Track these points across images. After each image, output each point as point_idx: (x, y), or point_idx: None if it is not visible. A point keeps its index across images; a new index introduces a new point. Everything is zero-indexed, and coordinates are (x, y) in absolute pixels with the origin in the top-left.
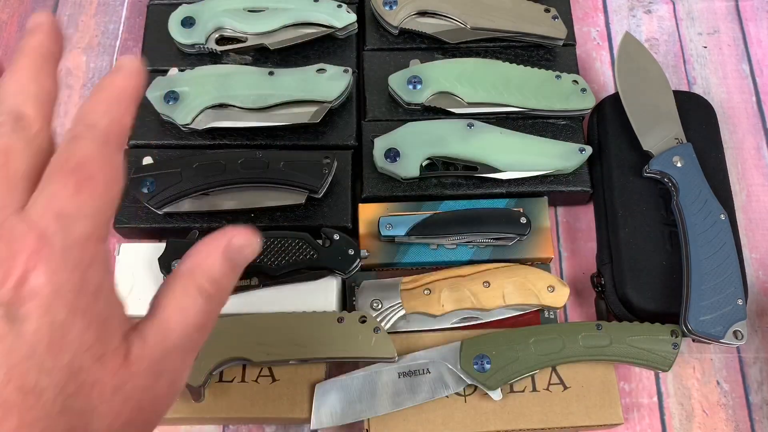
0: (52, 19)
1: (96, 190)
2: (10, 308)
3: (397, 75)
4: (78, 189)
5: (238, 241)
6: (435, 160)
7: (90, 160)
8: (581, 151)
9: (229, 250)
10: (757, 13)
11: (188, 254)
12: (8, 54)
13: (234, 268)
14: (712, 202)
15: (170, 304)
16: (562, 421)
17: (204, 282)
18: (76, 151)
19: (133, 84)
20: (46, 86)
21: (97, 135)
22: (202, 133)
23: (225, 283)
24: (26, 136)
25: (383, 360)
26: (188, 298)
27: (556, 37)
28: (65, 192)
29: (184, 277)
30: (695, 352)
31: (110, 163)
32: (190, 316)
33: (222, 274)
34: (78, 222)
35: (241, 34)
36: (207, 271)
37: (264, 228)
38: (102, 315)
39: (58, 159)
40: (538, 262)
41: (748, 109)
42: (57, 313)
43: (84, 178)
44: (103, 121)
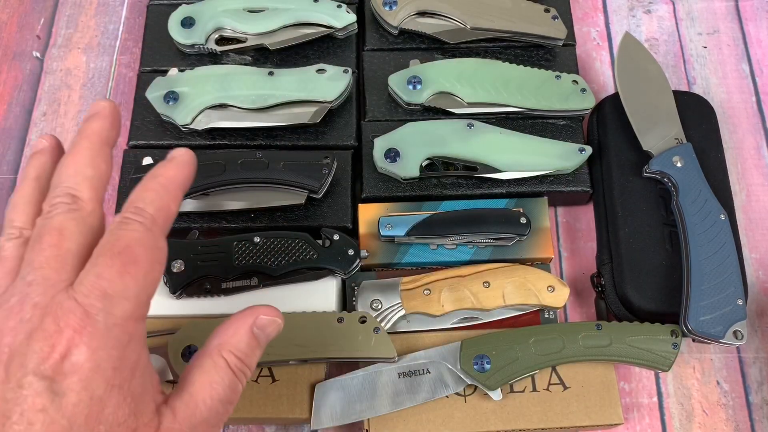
0: (113, 105)
1: (139, 273)
2: (52, 382)
3: (397, 75)
4: (123, 271)
5: (264, 319)
6: (435, 160)
7: (136, 243)
8: (581, 151)
9: (255, 327)
10: (757, 13)
11: (216, 332)
12: (8, 54)
13: (259, 344)
14: (712, 202)
15: (199, 379)
16: (562, 421)
17: (231, 357)
18: (124, 235)
19: (183, 174)
20: (101, 169)
21: (145, 220)
22: (202, 133)
23: (251, 358)
24: (79, 216)
25: (383, 360)
26: (216, 373)
27: (556, 37)
28: (111, 273)
29: (213, 353)
30: (695, 352)
31: (154, 248)
32: (217, 391)
33: (249, 349)
34: (121, 302)
35: (240, 34)
36: (234, 347)
37: (264, 228)
38: (137, 390)
39: (106, 240)
40: (538, 262)
41: (748, 109)
42: (96, 388)
43: (129, 261)
44: (151, 208)
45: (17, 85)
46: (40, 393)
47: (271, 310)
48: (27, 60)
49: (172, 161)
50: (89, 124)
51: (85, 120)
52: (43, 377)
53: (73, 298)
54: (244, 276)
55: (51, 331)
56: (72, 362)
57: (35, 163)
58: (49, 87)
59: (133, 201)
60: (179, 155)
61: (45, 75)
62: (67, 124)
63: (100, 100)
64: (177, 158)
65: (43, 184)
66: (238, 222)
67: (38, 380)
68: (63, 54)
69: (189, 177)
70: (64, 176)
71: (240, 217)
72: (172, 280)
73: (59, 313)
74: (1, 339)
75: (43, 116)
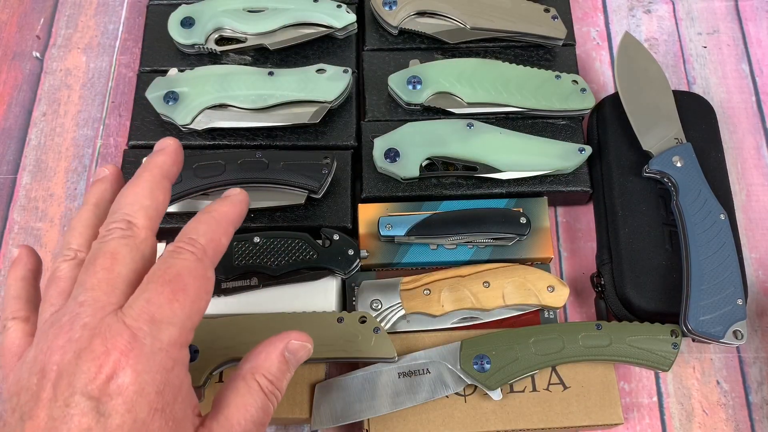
0: (177, 144)
1: (187, 301)
2: (99, 402)
3: (397, 75)
4: (172, 298)
5: (295, 344)
6: (435, 160)
7: (186, 272)
8: (581, 151)
9: (286, 351)
10: (756, 13)
11: (249, 355)
12: (8, 54)
13: (289, 368)
14: (711, 202)
15: (234, 402)
16: (562, 421)
17: (264, 380)
18: (176, 263)
19: (236, 212)
20: (158, 200)
21: (196, 250)
22: (202, 133)
23: (281, 381)
24: (133, 242)
25: (383, 360)
26: (250, 396)
27: (555, 37)
28: (160, 299)
29: (247, 376)
30: (695, 352)
31: (203, 277)
32: (251, 413)
33: (280, 372)
34: (168, 328)
35: (240, 34)
36: (267, 370)
37: (264, 228)
38: (178, 415)
39: (158, 267)
40: (538, 262)
41: (748, 109)
42: (139, 411)
43: (179, 289)
44: (203, 239)
45: (17, 85)
46: (86, 413)
47: (302, 336)
48: (27, 60)
49: (226, 198)
50: (153, 158)
51: (150, 155)
52: (89, 397)
53: (122, 321)
54: (244, 276)
55: (99, 352)
56: (118, 384)
57: (95, 190)
58: (49, 87)
59: (186, 232)
60: (234, 194)
61: (45, 75)
62: (66, 124)
63: (166, 137)
64: (232, 197)
65: (102, 211)
66: None
67: (85, 400)
68: (63, 54)
69: (241, 215)
70: (122, 204)
71: None
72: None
73: (107, 335)
74: (51, 357)
75: (43, 116)
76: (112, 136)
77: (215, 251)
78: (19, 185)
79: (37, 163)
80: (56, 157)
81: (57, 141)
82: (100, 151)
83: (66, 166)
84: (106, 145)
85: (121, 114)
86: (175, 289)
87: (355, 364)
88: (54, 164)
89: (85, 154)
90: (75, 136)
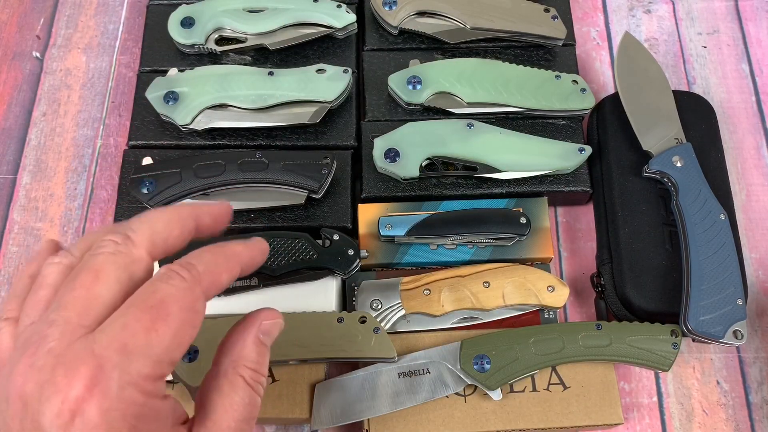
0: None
1: (167, 332)
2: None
3: (397, 75)
4: (150, 327)
5: (267, 324)
6: (435, 160)
7: (172, 300)
8: (581, 151)
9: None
10: (756, 13)
11: (223, 349)
12: (8, 54)
13: (267, 349)
14: (711, 202)
15: (220, 404)
16: (562, 421)
17: (247, 371)
18: (162, 288)
19: (249, 254)
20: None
21: (189, 277)
22: (202, 133)
23: (263, 366)
24: (123, 260)
25: (383, 360)
26: (236, 393)
27: (555, 37)
28: (137, 327)
29: (228, 372)
30: (695, 352)
31: (190, 309)
32: (240, 412)
33: (259, 357)
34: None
35: (240, 34)
36: (246, 359)
37: (264, 228)
38: None
39: (142, 291)
40: (538, 262)
41: (748, 109)
42: None
43: (160, 317)
44: (202, 267)
45: (17, 85)
46: None
47: (270, 313)
48: (27, 60)
49: (245, 241)
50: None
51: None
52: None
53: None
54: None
55: (61, 385)
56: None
57: None
58: (49, 87)
59: (187, 256)
60: (256, 240)
61: (45, 75)
62: (66, 124)
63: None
64: (252, 241)
65: None
66: (238, 222)
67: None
68: (63, 54)
69: (253, 260)
70: (135, 220)
71: (240, 217)
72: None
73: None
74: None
75: (43, 116)
76: (112, 136)
77: (211, 284)
78: (19, 185)
79: (37, 163)
80: (56, 157)
81: (57, 141)
82: (100, 151)
83: (66, 166)
84: (106, 145)
85: (121, 114)
86: (155, 317)
87: (355, 364)
88: (54, 164)
89: (85, 154)
90: (75, 136)
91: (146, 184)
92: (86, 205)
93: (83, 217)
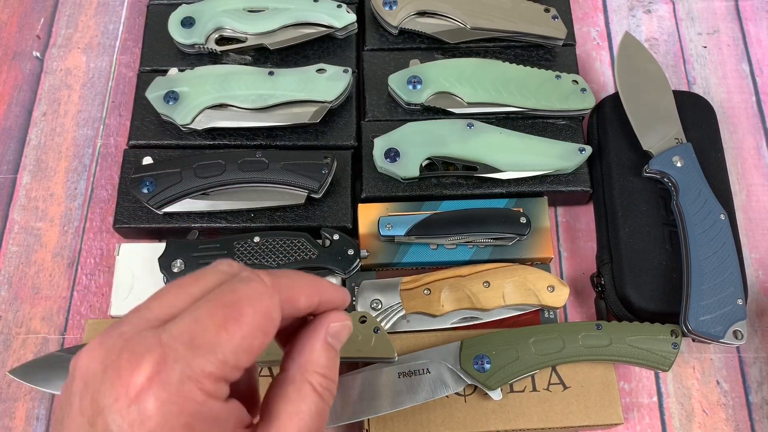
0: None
1: (237, 332)
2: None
3: (397, 75)
4: (222, 324)
5: (335, 326)
6: (435, 160)
7: (248, 302)
8: (581, 151)
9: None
10: (757, 13)
11: (290, 354)
12: (8, 54)
13: (337, 354)
14: (712, 202)
15: (285, 410)
16: (562, 421)
17: (316, 377)
18: (240, 289)
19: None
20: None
21: (271, 283)
22: (202, 133)
23: (334, 371)
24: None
25: (383, 360)
26: (302, 401)
27: (555, 37)
28: (208, 322)
29: (296, 379)
30: (695, 352)
31: (266, 314)
32: (305, 421)
33: (330, 362)
34: (205, 356)
35: (240, 34)
36: (316, 365)
37: (264, 228)
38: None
39: (221, 289)
40: (538, 262)
41: (748, 109)
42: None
43: (233, 317)
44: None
45: (17, 85)
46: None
47: (338, 315)
48: (27, 60)
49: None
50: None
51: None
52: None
53: (158, 337)
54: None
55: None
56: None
57: None
58: (49, 87)
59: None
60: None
61: (45, 75)
62: (67, 123)
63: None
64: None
65: None
66: (238, 222)
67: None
68: (63, 54)
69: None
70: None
71: (240, 217)
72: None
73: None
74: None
75: (43, 116)
76: (112, 136)
77: (289, 299)
78: (19, 185)
79: (37, 162)
80: (56, 157)
81: (57, 141)
82: (100, 151)
83: (66, 166)
84: (106, 144)
85: (121, 114)
86: (228, 315)
87: (355, 364)
88: (54, 164)
89: (85, 153)
90: (75, 135)
91: (146, 184)
92: (86, 205)
93: (83, 217)
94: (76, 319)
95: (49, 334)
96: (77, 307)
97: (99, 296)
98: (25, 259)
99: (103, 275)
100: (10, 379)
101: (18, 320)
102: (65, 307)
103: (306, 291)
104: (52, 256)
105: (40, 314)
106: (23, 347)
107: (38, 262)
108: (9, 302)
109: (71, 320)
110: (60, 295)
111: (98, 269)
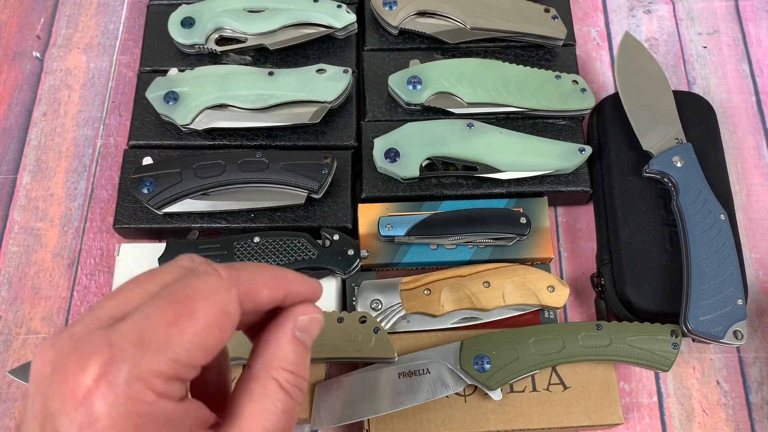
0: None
1: (189, 329)
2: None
3: (397, 75)
4: (172, 321)
5: (304, 319)
6: (435, 160)
7: (201, 297)
8: (581, 151)
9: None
10: (757, 13)
11: (255, 349)
12: (8, 54)
13: (306, 348)
14: (712, 202)
15: (248, 409)
16: (562, 421)
17: (282, 373)
18: (193, 283)
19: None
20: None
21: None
22: (202, 134)
23: (303, 367)
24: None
25: (383, 360)
26: (267, 399)
27: (555, 37)
28: (158, 319)
29: (259, 375)
30: (695, 352)
31: (220, 310)
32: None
33: (298, 357)
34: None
35: (240, 34)
36: (282, 360)
37: (264, 228)
38: None
39: (175, 284)
40: (538, 262)
41: (748, 109)
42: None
43: (184, 313)
44: (244, 272)
45: (17, 85)
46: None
47: (307, 308)
48: (27, 60)
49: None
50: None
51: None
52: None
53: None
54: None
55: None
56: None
57: None
58: (49, 87)
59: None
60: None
61: (45, 75)
62: (67, 123)
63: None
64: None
65: None
66: (238, 222)
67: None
68: (63, 54)
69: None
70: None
71: (240, 217)
72: None
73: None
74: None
75: (43, 116)
76: (112, 136)
77: (249, 293)
78: (19, 185)
79: (37, 162)
80: (56, 157)
81: (57, 141)
82: (100, 151)
83: (66, 166)
84: (106, 144)
85: (121, 114)
86: (179, 312)
87: (355, 364)
88: (54, 164)
89: (85, 153)
90: (75, 135)
91: (146, 184)
92: (86, 205)
93: (83, 217)
94: (76, 319)
95: (49, 334)
96: (77, 307)
97: (99, 296)
98: (25, 260)
99: (103, 275)
100: (10, 379)
101: (18, 320)
102: (65, 308)
103: (269, 283)
104: (52, 256)
105: (40, 314)
106: (23, 347)
107: (38, 263)
108: (9, 302)
109: (71, 320)
110: (60, 295)
111: (98, 269)
